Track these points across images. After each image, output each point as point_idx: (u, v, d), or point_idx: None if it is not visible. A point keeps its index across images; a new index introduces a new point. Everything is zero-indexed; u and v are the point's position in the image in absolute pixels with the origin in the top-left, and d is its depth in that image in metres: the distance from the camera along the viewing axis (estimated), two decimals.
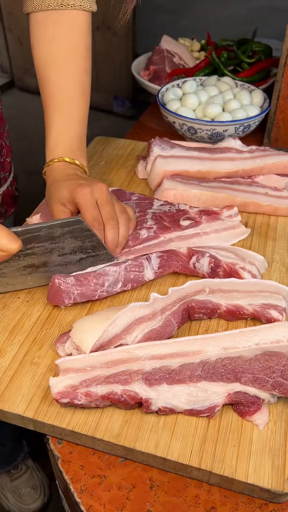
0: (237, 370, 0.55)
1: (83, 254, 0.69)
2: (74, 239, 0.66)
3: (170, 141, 0.92)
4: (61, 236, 0.65)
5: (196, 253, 0.70)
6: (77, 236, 0.66)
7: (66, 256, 0.68)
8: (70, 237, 0.66)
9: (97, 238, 0.68)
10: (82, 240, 0.67)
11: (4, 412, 0.57)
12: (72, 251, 0.68)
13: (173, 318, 0.62)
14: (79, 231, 0.65)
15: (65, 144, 0.76)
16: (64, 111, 0.76)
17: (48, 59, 0.75)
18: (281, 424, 0.55)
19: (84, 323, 0.60)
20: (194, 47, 1.40)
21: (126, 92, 3.03)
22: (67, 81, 0.76)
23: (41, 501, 1.29)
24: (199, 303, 0.64)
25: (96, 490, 0.52)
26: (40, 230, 0.63)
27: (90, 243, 0.68)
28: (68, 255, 0.68)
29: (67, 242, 0.66)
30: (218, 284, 0.66)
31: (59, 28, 0.73)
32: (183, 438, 0.54)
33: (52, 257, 0.67)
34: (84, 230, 0.66)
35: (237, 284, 0.66)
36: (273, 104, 1.01)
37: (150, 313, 0.62)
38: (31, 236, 0.63)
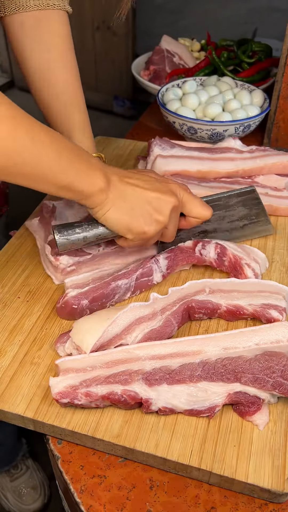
0: (237, 370, 0.55)
1: (247, 220, 0.77)
2: (244, 207, 0.76)
3: (170, 141, 0.92)
4: (235, 205, 0.75)
5: (201, 241, 0.71)
6: (247, 204, 0.75)
7: (233, 222, 0.76)
8: (241, 205, 0.75)
9: (262, 206, 0.77)
10: (250, 207, 0.76)
11: (4, 412, 0.57)
12: (239, 218, 0.76)
13: (173, 318, 0.62)
14: (250, 200, 0.75)
15: (90, 139, 0.78)
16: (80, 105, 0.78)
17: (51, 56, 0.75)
18: (281, 424, 0.55)
19: (84, 323, 0.60)
20: (194, 47, 1.40)
21: (126, 92, 3.03)
22: (73, 76, 0.77)
23: (41, 501, 1.29)
24: (199, 303, 0.64)
25: (96, 490, 0.52)
26: (219, 200, 0.74)
27: (256, 210, 0.77)
28: (235, 221, 0.76)
29: (237, 210, 0.75)
30: (218, 284, 0.66)
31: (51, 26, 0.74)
32: (183, 438, 0.54)
33: (222, 224, 0.76)
34: (255, 198, 0.75)
35: (237, 284, 0.66)
36: (273, 104, 1.01)
37: (150, 313, 0.62)
38: (212, 205, 0.71)
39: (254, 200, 0.76)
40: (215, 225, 0.75)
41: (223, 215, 0.75)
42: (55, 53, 0.75)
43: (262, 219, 0.78)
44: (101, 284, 0.66)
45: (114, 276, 0.67)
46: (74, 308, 0.64)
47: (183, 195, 0.66)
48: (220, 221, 0.75)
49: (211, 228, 0.76)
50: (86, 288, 0.65)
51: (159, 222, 0.63)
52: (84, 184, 0.58)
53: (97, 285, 0.66)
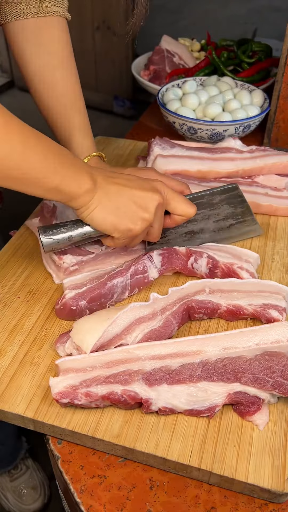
0: (237, 370, 0.55)
1: (233, 220, 0.77)
2: (229, 205, 0.75)
3: (170, 141, 0.92)
4: (219, 203, 0.74)
5: (194, 253, 0.70)
6: (231, 202, 0.75)
7: (219, 222, 0.76)
8: (225, 203, 0.75)
9: (247, 204, 0.76)
10: (235, 206, 0.76)
11: (4, 412, 0.57)
12: (225, 217, 0.76)
13: (173, 318, 0.62)
14: (234, 197, 0.75)
15: (90, 139, 0.79)
16: (81, 107, 0.79)
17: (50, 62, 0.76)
18: (281, 424, 0.55)
19: (84, 323, 0.60)
20: (194, 47, 1.40)
21: (126, 92, 3.03)
22: (73, 79, 0.78)
23: (41, 501, 1.29)
24: (199, 303, 0.64)
25: (96, 490, 0.52)
26: (203, 198, 0.73)
27: (241, 209, 0.76)
28: (221, 221, 0.76)
29: (222, 208, 0.75)
30: (218, 284, 0.66)
31: (51, 32, 0.76)
32: (183, 438, 0.54)
33: (208, 223, 0.76)
34: (238, 196, 0.75)
35: (237, 284, 0.66)
36: (273, 104, 1.01)
37: (150, 313, 0.62)
38: (195, 203, 0.70)
39: (238, 197, 0.75)
40: (201, 225, 0.75)
41: (208, 214, 0.75)
42: (55, 57, 0.76)
43: (248, 219, 0.78)
44: (98, 284, 0.66)
45: (109, 276, 0.67)
46: (72, 309, 0.64)
47: (167, 193, 0.66)
48: (206, 221, 0.75)
49: (198, 229, 0.76)
50: (84, 289, 0.65)
51: (144, 219, 0.63)
52: (71, 186, 0.59)
53: (94, 285, 0.66)
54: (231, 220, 0.77)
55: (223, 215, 0.76)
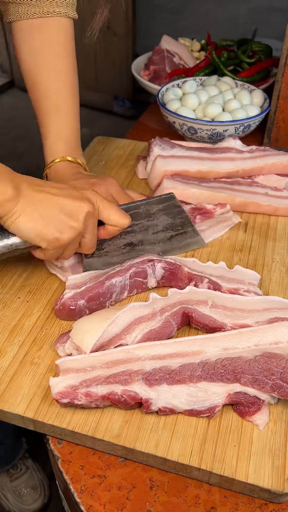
0: (237, 371, 0.55)
1: (173, 231, 0.75)
2: (167, 215, 0.73)
3: (170, 141, 0.92)
4: (156, 213, 0.72)
5: (194, 278, 0.68)
6: (169, 213, 0.73)
7: (159, 234, 0.74)
8: (163, 214, 0.73)
9: (186, 215, 0.74)
10: (173, 216, 0.74)
11: (4, 412, 0.57)
12: (164, 228, 0.74)
13: (172, 319, 0.62)
14: (171, 207, 0.73)
15: (65, 143, 0.78)
16: (61, 110, 0.78)
17: (39, 61, 0.77)
18: (281, 424, 0.55)
19: (84, 323, 0.60)
20: (194, 47, 1.40)
21: (126, 92, 3.03)
22: (61, 80, 0.78)
23: (41, 501, 1.29)
24: (199, 316, 0.62)
25: (96, 490, 0.52)
26: (139, 208, 0.71)
27: (180, 219, 0.74)
28: (161, 232, 0.74)
29: (160, 219, 0.73)
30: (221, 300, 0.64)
31: (47, 32, 0.76)
32: (183, 438, 0.54)
33: (148, 235, 0.73)
34: (175, 206, 0.73)
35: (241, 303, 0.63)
36: (273, 104, 1.01)
37: (149, 313, 0.62)
38: (132, 213, 0.69)
39: (175, 208, 0.73)
40: (140, 237, 0.73)
41: (146, 225, 0.72)
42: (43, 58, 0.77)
43: (189, 230, 0.75)
44: (96, 283, 0.66)
45: (108, 275, 0.67)
46: (71, 309, 0.64)
47: (100, 202, 0.63)
48: (144, 232, 0.72)
49: (137, 240, 0.73)
50: (83, 288, 0.65)
51: (72, 228, 0.60)
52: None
53: (92, 285, 0.66)
54: (171, 232, 0.75)
55: (162, 226, 0.73)
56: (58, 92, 0.78)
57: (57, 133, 0.78)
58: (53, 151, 0.77)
